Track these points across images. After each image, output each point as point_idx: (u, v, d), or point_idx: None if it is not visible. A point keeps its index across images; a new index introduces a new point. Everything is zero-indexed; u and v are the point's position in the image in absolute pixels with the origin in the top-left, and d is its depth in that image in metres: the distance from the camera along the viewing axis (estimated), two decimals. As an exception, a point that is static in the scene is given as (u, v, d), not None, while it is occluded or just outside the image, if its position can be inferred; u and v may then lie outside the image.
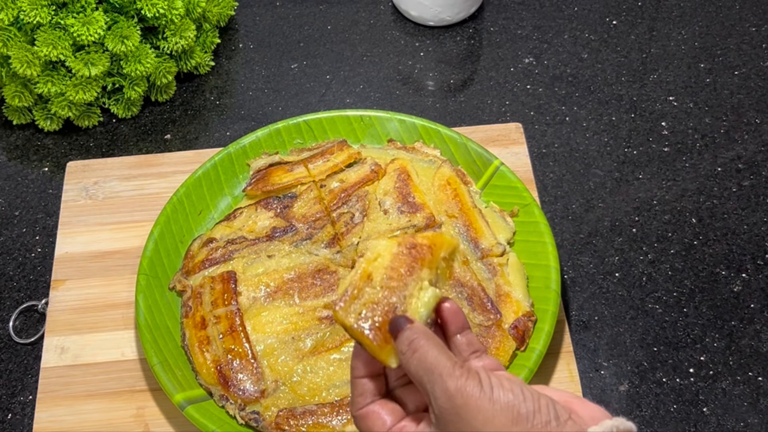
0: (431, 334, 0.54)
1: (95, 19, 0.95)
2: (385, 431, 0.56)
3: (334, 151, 0.94)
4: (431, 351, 0.53)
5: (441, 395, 0.52)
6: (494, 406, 0.50)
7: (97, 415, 0.81)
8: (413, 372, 0.53)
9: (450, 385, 0.51)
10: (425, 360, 0.53)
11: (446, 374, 0.52)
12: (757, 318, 0.87)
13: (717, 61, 1.09)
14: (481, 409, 0.50)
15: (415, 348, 0.53)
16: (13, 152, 1.02)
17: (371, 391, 0.57)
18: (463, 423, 0.51)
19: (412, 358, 0.53)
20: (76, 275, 0.89)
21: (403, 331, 0.54)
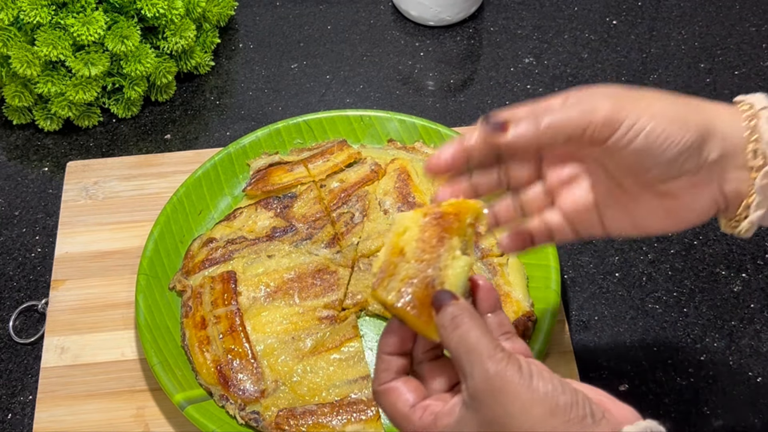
0: (475, 313, 0.54)
1: (95, 19, 0.95)
2: (408, 408, 0.55)
3: (334, 151, 0.94)
4: (474, 330, 0.52)
5: (479, 376, 0.51)
6: (533, 395, 0.50)
7: (97, 415, 0.81)
8: (453, 348, 0.53)
9: (490, 367, 0.51)
10: (467, 338, 0.52)
11: (486, 355, 0.51)
12: (757, 318, 0.87)
13: (717, 61, 1.09)
14: (519, 395, 0.50)
15: (458, 324, 0.53)
16: (13, 152, 1.02)
17: (396, 368, 0.57)
18: (499, 407, 0.50)
19: (453, 334, 0.53)
20: (76, 275, 0.89)
21: (446, 306, 0.54)
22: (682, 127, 0.55)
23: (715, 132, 0.57)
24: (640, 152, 0.56)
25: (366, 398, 0.78)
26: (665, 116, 0.56)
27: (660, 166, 0.56)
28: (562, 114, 0.56)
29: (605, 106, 0.55)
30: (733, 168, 0.57)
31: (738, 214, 0.59)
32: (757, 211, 0.58)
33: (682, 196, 0.58)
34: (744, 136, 0.57)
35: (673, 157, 0.56)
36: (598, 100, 0.56)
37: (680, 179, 0.57)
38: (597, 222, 0.62)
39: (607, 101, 0.56)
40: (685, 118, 0.56)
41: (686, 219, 0.59)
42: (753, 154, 0.57)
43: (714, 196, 0.58)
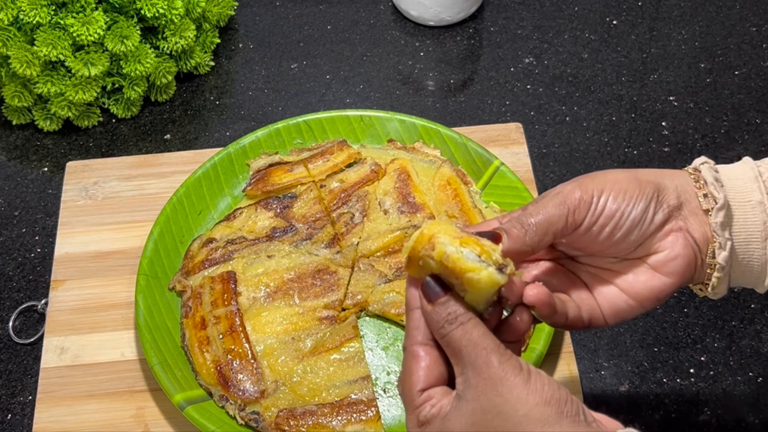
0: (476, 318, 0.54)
1: (95, 19, 0.95)
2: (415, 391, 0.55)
3: (334, 151, 0.94)
4: (478, 328, 0.54)
5: (483, 365, 0.52)
6: (529, 387, 0.52)
7: (97, 415, 0.81)
8: (455, 341, 0.54)
9: (494, 360, 0.52)
10: (471, 334, 0.53)
11: (491, 350, 0.53)
12: (758, 318, 0.87)
13: (717, 61, 1.09)
14: (516, 385, 0.52)
15: (461, 322, 0.54)
16: (12, 152, 1.02)
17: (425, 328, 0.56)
18: (497, 396, 0.52)
19: (458, 329, 0.54)
20: (76, 275, 0.89)
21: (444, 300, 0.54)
22: (638, 185, 0.60)
23: (666, 185, 0.61)
24: (613, 215, 0.60)
25: (366, 398, 0.78)
26: (622, 179, 0.61)
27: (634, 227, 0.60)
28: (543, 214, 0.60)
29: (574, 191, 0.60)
30: (693, 214, 0.61)
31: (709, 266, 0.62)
32: (722, 253, 0.61)
33: (660, 248, 0.61)
34: (692, 184, 0.62)
35: (641, 212, 0.60)
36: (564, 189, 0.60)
37: (654, 236, 0.61)
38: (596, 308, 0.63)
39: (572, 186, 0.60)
40: (638, 178, 0.61)
41: (673, 271, 0.61)
42: (704, 198, 0.61)
43: (687, 241, 0.61)
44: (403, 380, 0.56)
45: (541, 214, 0.59)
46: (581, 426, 0.51)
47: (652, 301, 0.62)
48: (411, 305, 0.57)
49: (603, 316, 0.63)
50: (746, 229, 0.62)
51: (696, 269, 0.62)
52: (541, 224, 0.59)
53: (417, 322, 0.57)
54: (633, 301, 0.62)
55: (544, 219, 0.59)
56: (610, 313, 0.63)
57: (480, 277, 0.54)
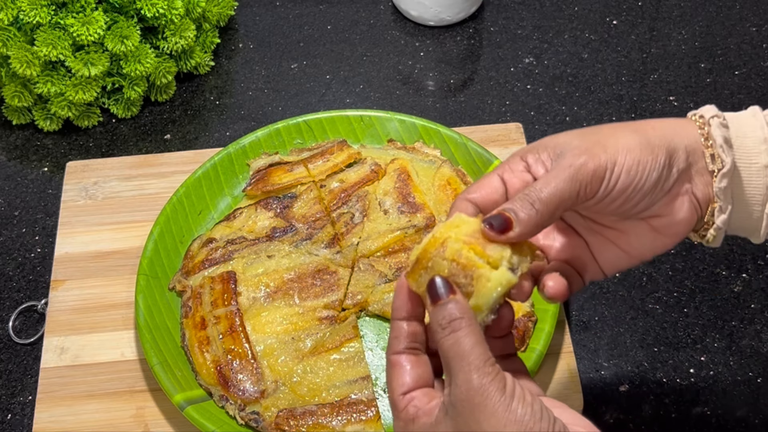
0: (474, 318, 0.53)
1: (95, 19, 0.95)
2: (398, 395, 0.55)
3: (334, 151, 0.94)
4: (470, 338, 0.52)
5: (463, 384, 0.51)
6: (508, 416, 0.50)
7: (97, 415, 0.80)
8: (445, 349, 0.53)
9: (474, 379, 0.51)
10: (461, 344, 0.52)
11: (475, 366, 0.51)
12: (758, 318, 0.87)
13: (717, 61, 1.09)
14: (495, 413, 0.50)
15: (455, 328, 0.52)
16: (12, 152, 1.02)
17: (406, 335, 0.56)
18: (474, 420, 0.51)
19: (448, 337, 0.52)
20: (76, 275, 0.89)
21: (444, 302, 0.53)
22: (652, 152, 0.59)
23: (677, 146, 0.60)
24: (626, 189, 0.58)
25: (366, 398, 0.78)
26: (634, 147, 0.59)
27: (645, 195, 0.59)
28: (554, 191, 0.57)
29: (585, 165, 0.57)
30: (699, 173, 0.61)
31: (706, 222, 0.62)
32: (720, 216, 0.61)
33: (664, 212, 0.61)
34: (700, 142, 0.61)
35: (654, 181, 0.59)
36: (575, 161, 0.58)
37: (661, 200, 0.60)
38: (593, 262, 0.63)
39: (583, 159, 0.58)
40: (650, 142, 0.59)
41: (674, 233, 0.61)
42: (711, 158, 0.61)
43: (691, 203, 0.61)
44: (387, 387, 0.56)
45: (551, 189, 0.57)
46: None
47: (650, 256, 0.62)
48: (394, 315, 0.57)
49: (601, 270, 0.63)
50: (748, 192, 0.61)
51: (696, 224, 0.62)
52: (552, 201, 0.57)
53: (397, 331, 0.56)
54: (634, 260, 0.62)
55: (555, 196, 0.57)
56: (609, 269, 0.63)
57: (491, 276, 0.53)
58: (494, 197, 0.59)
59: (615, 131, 0.60)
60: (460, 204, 0.59)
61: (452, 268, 0.54)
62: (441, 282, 0.54)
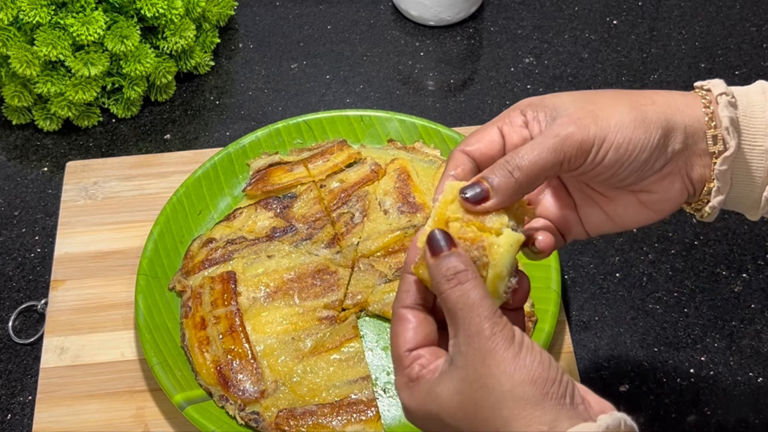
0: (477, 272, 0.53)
1: (95, 19, 0.95)
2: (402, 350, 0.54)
3: (334, 151, 0.94)
4: (477, 290, 0.52)
5: (474, 333, 0.51)
6: (517, 362, 0.50)
7: (97, 415, 0.80)
8: (451, 302, 0.52)
9: (486, 328, 0.50)
10: (469, 296, 0.51)
11: (485, 317, 0.51)
12: (758, 318, 0.87)
13: (717, 61, 1.09)
14: (505, 359, 0.50)
15: (462, 281, 0.52)
16: (12, 152, 1.02)
17: (416, 291, 0.55)
18: (484, 367, 0.50)
19: (455, 289, 0.52)
20: (76, 275, 0.89)
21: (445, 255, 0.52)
22: (645, 130, 0.57)
23: (675, 125, 0.59)
24: (613, 165, 0.58)
25: (366, 398, 0.78)
26: (628, 124, 0.57)
27: (632, 173, 0.58)
28: (535, 159, 0.56)
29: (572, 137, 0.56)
30: (696, 155, 0.60)
31: (701, 198, 0.62)
32: (717, 197, 0.60)
33: (654, 190, 0.60)
34: (704, 122, 0.59)
35: (644, 161, 0.58)
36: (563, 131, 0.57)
37: (650, 177, 0.59)
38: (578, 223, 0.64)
39: (571, 129, 0.57)
40: (646, 119, 0.58)
41: (661, 209, 0.61)
42: (713, 139, 0.59)
43: (683, 183, 0.60)
44: (391, 343, 0.55)
45: (533, 158, 0.56)
46: (564, 409, 0.50)
47: (634, 226, 0.63)
48: (406, 268, 0.56)
49: (585, 232, 0.63)
50: (748, 175, 0.60)
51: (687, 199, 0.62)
52: (532, 170, 0.56)
53: (408, 285, 0.55)
54: (618, 228, 0.63)
55: (536, 165, 0.56)
56: (593, 231, 0.63)
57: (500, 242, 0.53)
58: (491, 152, 0.59)
59: (613, 102, 0.58)
60: (457, 156, 0.58)
61: (462, 245, 0.53)
62: (440, 234, 0.53)
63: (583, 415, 0.51)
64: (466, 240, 0.53)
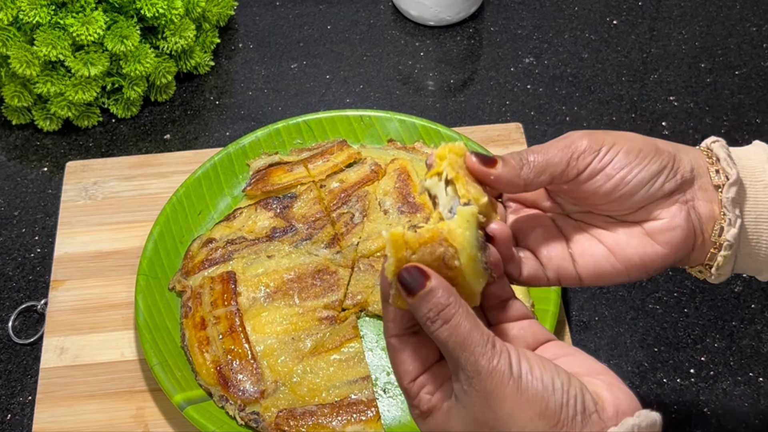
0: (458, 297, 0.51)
1: (95, 19, 0.95)
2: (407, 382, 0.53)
3: (334, 151, 0.94)
4: (465, 323, 0.50)
5: (472, 372, 0.50)
6: (521, 396, 0.49)
7: (96, 415, 0.80)
8: (443, 342, 0.50)
9: (482, 365, 0.49)
10: (458, 333, 0.50)
11: (479, 353, 0.49)
12: (758, 318, 0.87)
13: (717, 61, 1.09)
14: (508, 398, 0.49)
15: (447, 318, 0.50)
16: (12, 152, 1.02)
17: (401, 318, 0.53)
18: (488, 409, 0.50)
19: (442, 329, 0.50)
20: (76, 275, 0.89)
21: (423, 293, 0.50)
22: (655, 150, 0.59)
23: (682, 158, 0.60)
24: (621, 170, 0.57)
25: (366, 399, 0.78)
26: (637, 141, 0.59)
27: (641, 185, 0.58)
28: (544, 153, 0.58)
29: (582, 138, 0.58)
30: (702, 189, 0.60)
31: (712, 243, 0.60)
32: (732, 230, 0.59)
33: (660, 217, 0.59)
34: (705, 159, 0.61)
35: (652, 174, 0.58)
36: (573, 135, 0.59)
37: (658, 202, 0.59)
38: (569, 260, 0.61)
39: (582, 134, 0.58)
40: (655, 145, 0.59)
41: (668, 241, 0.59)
42: (716, 173, 0.60)
43: (690, 216, 0.60)
44: (394, 374, 0.55)
45: (542, 153, 0.57)
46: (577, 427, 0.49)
47: (640, 269, 0.60)
48: (385, 296, 0.54)
49: (578, 274, 0.60)
50: (756, 209, 0.60)
51: (694, 248, 0.60)
52: (540, 162, 0.57)
53: (391, 314, 0.54)
54: (619, 265, 0.60)
55: (544, 158, 0.57)
56: (589, 273, 0.60)
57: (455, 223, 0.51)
58: None
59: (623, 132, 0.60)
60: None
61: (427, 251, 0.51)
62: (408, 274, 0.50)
63: (597, 425, 0.50)
64: (427, 243, 0.51)
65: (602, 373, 0.53)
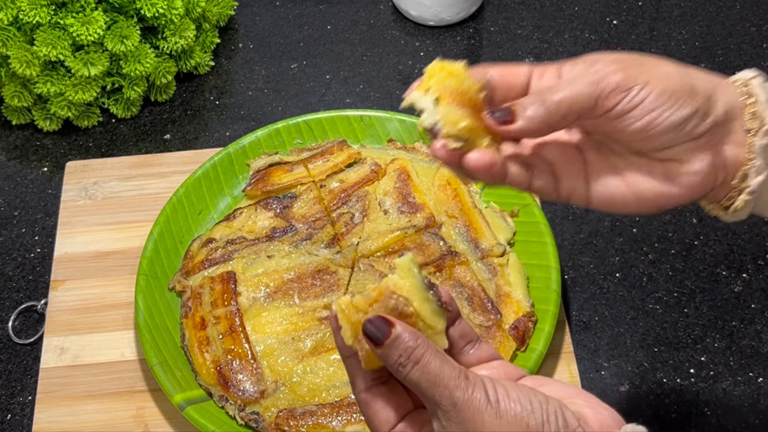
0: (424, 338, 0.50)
1: (95, 19, 0.95)
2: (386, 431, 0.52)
3: (334, 151, 0.94)
4: (434, 360, 0.49)
5: (448, 407, 0.49)
6: (501, 421, 0.49)
7: (96, 415, 0.80)
8: (414, 383, 0.50)
9: (458, 397, 0.49)
10: (429, 372, 0.49)
11: (453, 386, 0.49)
12: (758, 318, 0.87)
13: (717, 61, 1.09)
14: (487, 423, 0.48)
15: (416, 359, 0.50)
16: (12, 152, 1.02)
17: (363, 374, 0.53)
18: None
19: (413, 371, 0.50)
20: (76, 275, 0.89)
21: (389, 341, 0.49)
22: (689, 91, 0.55)
23: (718, 99, 0.56)
24: (653, 111, 0.55)
25: (366, 399, 0.78)
26: (673, 78, 0.55)
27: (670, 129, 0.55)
28: (570, 90, 0.54)
29: (614, 74, 0.54)
30: (734, 132, 0.57)
31: (733, 187, 0.58)
32: (758, 177, 0.57)
33: (684, 159, 0.57)
34: (741, 100, 0.57)
35: (684, 119, 0.55)
36: (604, 69, 0.55)
37: (684, 144, 0.56)
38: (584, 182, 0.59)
39: (614, 68, 0.55)
40: (692, 83, 0.56)
41: (687, 184, 0.57)
42: (751, 116, 0.57)
43: (716, 160, 0.57)
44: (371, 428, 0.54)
45: (568, 90, 0.54)
46: None
47: (651, 204, 0.58)
48: (343, 353, 0.53)
49: (588, 196, 0.59)
50: None
51: (714, 189, 0.58)
52: (564, 102, 0.54)
53: (354, 370, 0.53)
54: (632, 197, 0.58)
55: (570, 97, 0.54)
56: (600, 197, 0.59)
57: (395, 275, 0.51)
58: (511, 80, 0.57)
59: (660, 61, 0.56)
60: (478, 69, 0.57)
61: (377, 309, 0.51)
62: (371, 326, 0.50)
63: None
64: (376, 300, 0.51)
65: (580, 395, 0.52)
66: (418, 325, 0.52)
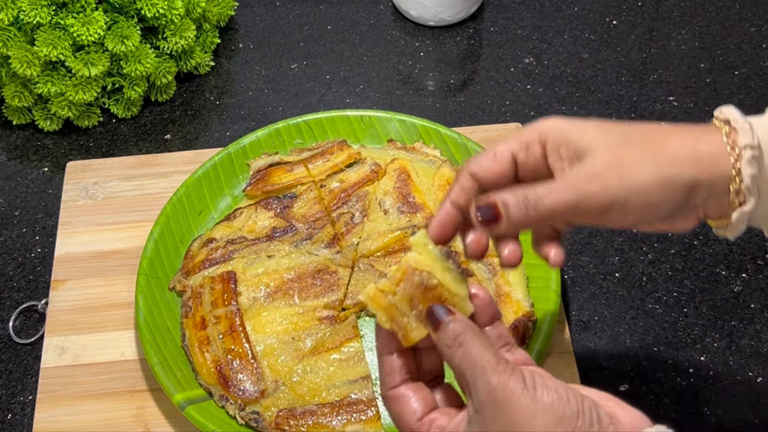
0: (475, 327, 0.54)
1: (95, 19, 0.95)
2: (415, 422, 0.55)
3: (334, 151, 0.94)
4: (476, 344, 0.53)
5: (483, 389, 0.51)
6: (536, 405, 0.50)
7: (97, 415, 0.81)
8: (456, 365, 0.53)
9: (493, 380, 0.51)
10: (469, 354, 0.52)
11: (489, 369, 0.51)
12: (758, 318, 0.87)
13: (717, 61, 1.09)
14: (522, 406, 0.50)
15: (461, 342, 0.53)
16: (13, 152, 1.02)
17: (400, 369, 0.56)
18: (503, 418, 0.50)
19: (456, 352, 0.53)
20: (76, 275, 0.89)
21: (445, 323, 0.54)
22: (672, 192, 0.57)
23: (701, 184, 0.57)
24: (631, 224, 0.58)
25: (366, 398, 0.78)
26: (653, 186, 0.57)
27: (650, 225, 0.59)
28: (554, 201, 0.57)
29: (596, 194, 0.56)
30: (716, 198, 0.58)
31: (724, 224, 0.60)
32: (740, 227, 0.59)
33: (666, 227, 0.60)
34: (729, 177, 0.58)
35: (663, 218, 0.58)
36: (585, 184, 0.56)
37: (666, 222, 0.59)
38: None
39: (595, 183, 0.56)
40: (672, 180, 0.57)
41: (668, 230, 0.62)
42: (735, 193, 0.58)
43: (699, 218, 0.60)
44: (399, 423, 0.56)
45: (551, 203, 0.56)
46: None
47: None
48: (381, 351, 0.57)
49: None
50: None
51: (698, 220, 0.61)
52: (546, 213, 0.56)
53: (389, 367, 0.56)
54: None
55: (551, 210, 0.56)
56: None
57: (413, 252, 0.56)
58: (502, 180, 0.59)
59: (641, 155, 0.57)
60: (464, 181, 0.59)
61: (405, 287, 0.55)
62: (438, 309, 0.55)
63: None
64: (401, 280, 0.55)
65: (612, 398, 0.54)
66: (444, 294, 0.56)
